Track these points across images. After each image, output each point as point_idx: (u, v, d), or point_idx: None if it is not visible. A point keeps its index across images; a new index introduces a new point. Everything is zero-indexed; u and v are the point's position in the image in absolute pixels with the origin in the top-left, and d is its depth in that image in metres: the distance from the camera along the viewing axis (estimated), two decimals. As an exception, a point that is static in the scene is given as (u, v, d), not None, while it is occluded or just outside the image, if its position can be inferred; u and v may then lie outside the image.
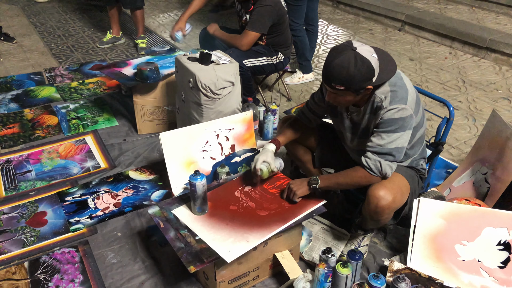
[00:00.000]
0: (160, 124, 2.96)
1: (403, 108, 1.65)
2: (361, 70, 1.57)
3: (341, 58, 1.57)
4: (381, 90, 1.69)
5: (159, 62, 3.00)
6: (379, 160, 1.68)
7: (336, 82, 1.61)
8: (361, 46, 1.60)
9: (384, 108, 1.66)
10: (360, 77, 1.59)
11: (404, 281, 1.62)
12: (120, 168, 2.65)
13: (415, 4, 5.13)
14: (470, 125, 3.04)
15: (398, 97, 1.66)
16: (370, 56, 1.59)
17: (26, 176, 2.58)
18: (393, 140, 1.66)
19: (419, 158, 1.92)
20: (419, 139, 1.86)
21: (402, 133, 1.66)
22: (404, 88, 1.69)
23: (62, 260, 2.01)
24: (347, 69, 1.57)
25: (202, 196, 1.79)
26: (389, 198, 1.71)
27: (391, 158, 1.68)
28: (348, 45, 1.60)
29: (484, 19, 4.62)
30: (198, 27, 5.00)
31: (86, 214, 2.28)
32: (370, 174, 1.70)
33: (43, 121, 3.15)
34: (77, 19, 5.40)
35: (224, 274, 1.71)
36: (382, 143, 1.67)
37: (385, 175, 1.70)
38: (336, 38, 4.68)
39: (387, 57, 1.68)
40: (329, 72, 1.61)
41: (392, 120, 1.65)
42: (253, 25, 2.82)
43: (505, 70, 3.79)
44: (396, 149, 1.67)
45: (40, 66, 4.05)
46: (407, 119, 1.66)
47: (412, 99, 1.70)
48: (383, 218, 1.78)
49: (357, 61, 1.56)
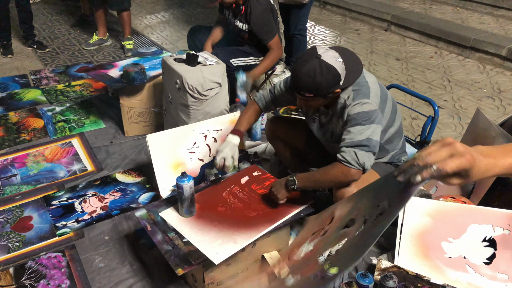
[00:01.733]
0: (148, 126, 2.95)
1: (366, 102, 1.69)
2: (327, 78, 1.62)
3: (306, 67, 1.62)
4: (344, 91, 1.73)
5: (146, 63, 2.99)
6: (354, 151, 1.67)
7: (305, 91, 1.66)
8: (326, 52, 1.64)
9: (348, 105, 1.71)
10: (327, 84, 1.63)
11: (391, 279, 1.64)
12: (107, 171, 2.63)
13: (401, 5, 5.18)
14: (455, 123, 3.07)
15: (360, 94, 1.71)
16: (335, 61, 1.63)
17: (11, 180, 2.54)
18: (361, 131, 1.68)
19: (400, 152, 1.94)
20: (396, 133, 1.88)
21: (369, 125, 1.68)
22: (366, 86, 1.73)
23: (48, 265, 1.98)
24: (313, 78, 1.61)
25: (190, 198, 1.79)
26: (353, 190, 1.73)
27: (366, 149, 1.67)
28: (312, 53, 1.64)
29: (468, 19, 4.68)
30: (185, 28, 4.99)
31: (73, 218, 2.25)
32: (348, 167, 1.68)
33: (29, 124, 3.11)
34: (63, 21, 5.34)
35: (213, 276, 1.71)
36: (351, 136, 1.69)
37: (363, 165, 1.68)
38: (324, 39, 4.71)
39: (352, 58, 1.71)
40: (297, 81, 1.66)
41: (357, 114, 1.68)
42: (268, 35, 2.83)
43: (489, 69, 3.85)
44: (367, 140, 1.67)
45: (25, 69, 4.00)
46: (372, 113, 1.68)
47: (375, 95, 1.73)
48: None
49: (322, 69, 1.61)
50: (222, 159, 1.98)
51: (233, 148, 2.00)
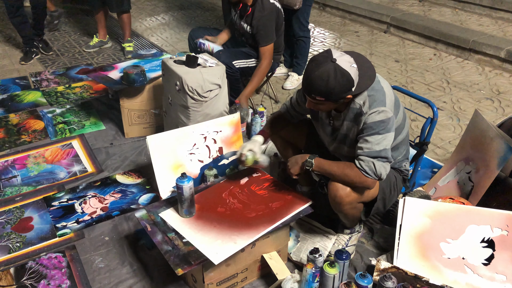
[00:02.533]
0: (148, 127, 2.96)
1: (383, 111, 1.67)
2: (341, 83, 1.59)
3: (320, 70, 1.59)
4: (359, 96, 1.71)
5: (146, 65, 3.00)
6: (372, 161, 1.67)
7: (316, 94, 1.64)
8: (341, 56, 1.61)
9: (365, 114, 1.68)
10: (340, 89, 1.61)
11: (390, 280, 1.64)
12: (107, 172, 2.64)
13: (400, 7, 5.20)
14: (454, 125, 3.08)
15: (377, 101, 1.68)
16: (350, 67, 1.60)
17: (11, 182, 2.55)
18: (379, 141, 1.67)
19: (402, 159, 1.95)
20: (402, 141, 1.89)
21: (386, 134, 1.68)
22: (382, 91, 1.71)
23: (48, 265, 1.99)
24: (326, 82, 1.59)
25: (189, 198, 1.80)
26: (346, 188, 1.74)
27: (383, 160, 1.69)
28: (327, 56, 1.61)
29: (467, 21, 4.70)
30: (185, 30, 5.01)
31: (73, 219, 2.26)
32: (365, 176, 1.69)
33: (29, 125, 3.12)
34: (63, 23, 5.35)
35: (212, 276, 1.71)
36: (369, 145, 1.68)
37: (380, 176, 1.69)
38: (323, 41, 4.72)
39: (366, 64, 1.70)
40: (309, 84, 1.63)
41: (374, 123, 1.67)
42: (264, 39, 2.85)
43: (488, 71, 3.86)
44: (384, 151, 1.68)
45: (26, 71, 4.01)
46: (389, 120, 1.68)
47: (390, 102, 1.72)
48: (345, 209, 1.80)
49: (336, 74, 1.58)
50: (240, 152, 2.00)
51: (253, 143, 2.01)
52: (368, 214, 1.93)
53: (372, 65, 1.72)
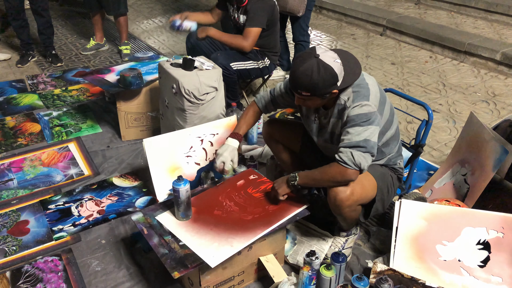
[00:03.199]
0: (144, 130, 2.96)
1: (366, 104, 1.70)
2: (324, 77, 1.63)
3: (304, 66, 1.64)
4: (344, 93, 1.75)
5: (143, 68, 3.00)
6: (351, 151, 1.69)
7: (302, 89, 1.68)
8: (324, 52, 1.66)
9: (348, 107, 1.73)
10: (324, 84, 1.65)
11: (387, 282, 1.65)
12: (104, 175, 2.63)
13: (396, 9, 5.23)
14: (450, 127, 3.10)
15: (360, 96, 1.72)
16: (333, 62, 1.65)
17: (8, 185, 2.54)
18: (359, 132, 1.69)
19: (395, 156, 1.96)
20: (392, 137, 1.90)
21: (368, 127, 1.69)
22: (366, 88, 1.75)
23: (45, 269, 1.99)
24: (310, 77, 1.63)
25: (186, 201, 1.80)
26: (347, 191, 1.74)
27: (363, 149, 1.69)
28: (311, 52, 1.66)
29: (462, 23, 4.73)
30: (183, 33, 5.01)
31: (70, 222, 2.26)
32: (344, 167, 1.70)
33: (26, 128, 3.12)
34: (60, 25, 5.35)
35: (209, 279, 1.71)
36: (349, 137, 1.70)
37: (360, 166, 1.69)
38: (320, 43, 4.73)
39: (352, 60, 1.73)
40: (294, 79, 1.68)
41: (356, 116, 1.70)
42: (252, 21, 2.81)
43: (484, 74, 3.88)
44: (365, 141, 1.68)
45: (22, 74, 4.01)
46: (371, 114, 1.70)
47: (374, 97, 1.75)
48: (344, 211, 1.80)
49: (319, 69, 1.63)
50: (221, 163, 2.01)
51: (232, 151, 2.03)
52: (367, 216, 1.93)
53: (358, 62, 1.76)
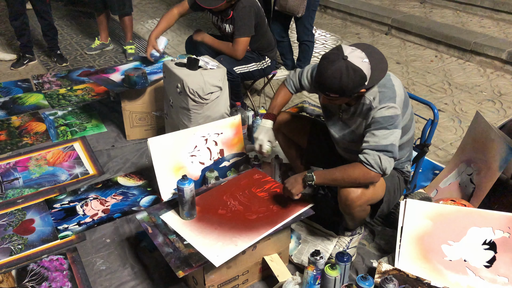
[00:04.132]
0: (149, 129, 2.96)
1: (392, 106, 1.68)
2: (354, 79, 1.60)
3: (332, 69, 1.59)
4: (370, 92, 1.72)
5: (147, 68, 3.00)
6: (378, 155, 1.67)
7: (330, 91, 1.64)
8: (352, 52, 1.61)
9: (374, 108, 1.69)
10: (353, 85, 1.61)
11: (392, 282, 1.64)
12: (108, 174, 2.64)
13: (401, 9, 5.20)
14: (456, 126, 3.08)
15: (387, 97, 1.69)
16: (361, 62, 1.60)
17: (13, 184, 2.56)
18: (386, 136, 1.67)
19: (405, 160, 1.95)
20: (407, 142, 1.89)
21: (393, 130, 1.68)
22: (392, 89, 1.72)
23: (50, 267, 1.99)
24: (339, 80, 1.59)
25: (190, 201, 1.80)
26: (358, 190, 1.74)
27: (389, 154, 1.68)
28: (339, 53, 1.61)
29: (468, 22, 4.70)
30: (186, 32, 5.02)
31: (75, 221, 2.27)
32: (369, 170, 1.68)
33: (31, 128, 3.13)
34: (65, 25, 5.38)
35: (213, 279, 1.71)
36: (376, 139, 1.68)
37: (385, 170, 1.68)
38: (324, 43, 4.72)
39: (378, 56, 1.68)
40: (322, 82, 1.64)
41: (383, 118, 1.68)
42: (240, 31, 2.82)
43: (490, 73, 3.86)
44: (392, 146, 1.68)
45: (28, 73, 4.03)
46: (397, 117, 1.68)
47: (400, 100, 1.72)
48: (354, 211, 1.80)
49: (349, 71, 1.58)
50: (259, 145, 2.04)
51: (267, 132, 2.06)
52: (373, 216, 1.92)
53: (383, 57, 1.71)
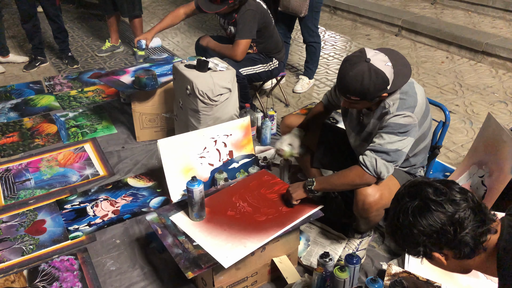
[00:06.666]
0: (159, 131, 2.98)
1: (409, 116, 1.66)
2: (376, 82, 1.58)
3: (355, 71, 1.58)
4: (391, 97, 1.69)
5: (157, 69, 3.02)
6: (375, 157, 1.67)
7: (351, 94, 1.63)
8: (375, 55, 1.59)
9: (390, 114, 1.68)
10: (375, 89, 1.60)
11: (401, 285, 1.63)
12: (119, 175, 2.66)
13: (412, 9, 5.17)
14: (467, 128, 3.05)
15: (406, 105, 1.67)
16: (384, 66, 1.59)
17: (25, 185, 2.59)
18: (393, 141, 1.66)
19: (419, 166, 1.94)
20: (423, 149, 1.88)
21: (403, 137, 1.67)
22: (414, 98, 1.69)
23: (61, 268, 2.01)
24: (361, 82, 1.58)
25: (200, 202, 1.80)
26: (376, 194, 1.73)
27: (388, 158, 1.67)
28: (361, 56, 1.59)
29: (480, 23, 4.65)
30: (196, 34, 5.04)
31: (85, 222, 2.29)
32: (364, 171, 1.69)
33: (42, 129, 3.17)
34: (76, 28, 5.44)
35: (222, 280, 1.72)
36: (381, 142, 1.67)
37: (380, 174, 1.68)
38: (334, 44, 4.71)
39: (401, 61, 1.66)
40: (344, 85, 1.63)
41: (396, 124, 1.66)
42: (240, 33, 2.82)
43: (502, 74, 3.81)
44: (395, 151, 1.67)
45: (39, 75, 4.08)
46: (411, 126, 1.66)
47: (419, 110, 1.70)
48: (371, 215, 1.79)
49: (371, 74, 1.57)
50: (279, 144, 2.09)
51: (292, 136, 2.09)
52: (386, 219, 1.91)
53: (407, 62, 1.69)
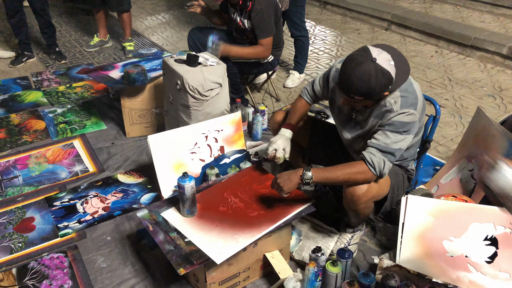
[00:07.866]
0: (149, 126, 2.95)
1: (413, 114, 1.66)
2: (382, 83, 1.57)
3: (361, 71, 1.55)
4: (391, 95, 1.68)
5: (147, 64, 2.99)
6: (384, 159, 1.67)
7: (356, 94, 1.61)
8: (379, 54, 1.57)
9: (394, 112, 1.67)
10: (380, 88, 1.59)
11: (393, 278, 1.64)
12: (108, 171, 2.63)
13: (401, 4, 5.18)
14: (456, 122, 3.07)
15: (409, 103, 1.67)
16: (389, 65, 1.57)
17: (13, 182, 2.55)
18: (398, 140, 1.67)
19: (410, 159, 1.95)
20: (416, 143, 1.90)
21: (406, 136, 1.68)
22: (414, 95, 1.70)
23: (50, 265, 1.99)
24: (368, 82, 1.56)
25: (191, 198, 1.79)
26: (364, 187, 1.73)
27: (392, 159, 1.69)
28: (366, 55, 1.57)
29: (468, 17, 4.68)
30: (185, 29, 5.00)
31: (75, 219, 2.26)
32: (369, 170, 1.68)
33: (30, 125, 3.12)
34: (64, 22, 5.36)
35: (215, 276, 1.71)
36: (388, 141, 1.67)
37: (382, 175, 1.69)
38: (324, 39, 4.71)
39: (400, 58, 1.65)
40: (349, 84, 1.59)
41: (401, 123, 1.66)
42: (263, 33, 2.81)
43: (490, 68, 3.85)
44: (399, 150, 1.68)
45: (26, 71, 4.01)
46: (413, 124, 1.67)
47: (420, 107, 1.71)
48: (360, 208, 1.79)
49: (377, 74, 1.55)
50: (273, 150, 2.00)
51: (285, 140, 2.02)
52: (377, 213, 1.92)
53: (405, 58, 1.67)
